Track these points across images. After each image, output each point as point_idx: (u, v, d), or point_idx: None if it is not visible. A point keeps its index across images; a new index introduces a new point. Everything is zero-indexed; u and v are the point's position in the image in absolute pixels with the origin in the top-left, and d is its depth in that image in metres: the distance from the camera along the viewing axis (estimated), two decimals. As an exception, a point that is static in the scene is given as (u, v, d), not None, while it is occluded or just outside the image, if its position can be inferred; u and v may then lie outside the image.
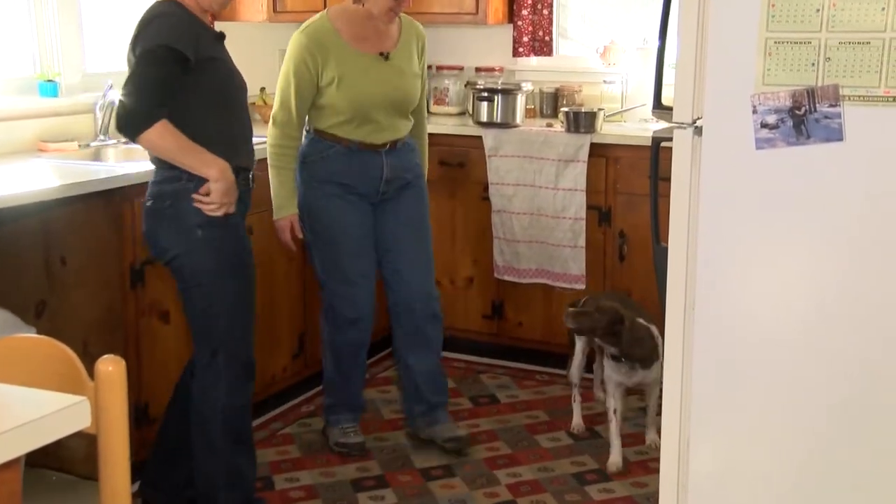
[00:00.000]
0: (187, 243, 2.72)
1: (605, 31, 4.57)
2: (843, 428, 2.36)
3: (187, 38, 2.62)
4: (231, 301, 2.80)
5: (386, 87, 3.27)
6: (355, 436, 3.51)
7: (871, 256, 2.30)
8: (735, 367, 2.46)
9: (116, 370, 1.61)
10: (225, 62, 2.77)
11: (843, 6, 2.22)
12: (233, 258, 2.78)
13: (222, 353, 2.81)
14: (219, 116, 2.73)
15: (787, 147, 2.32)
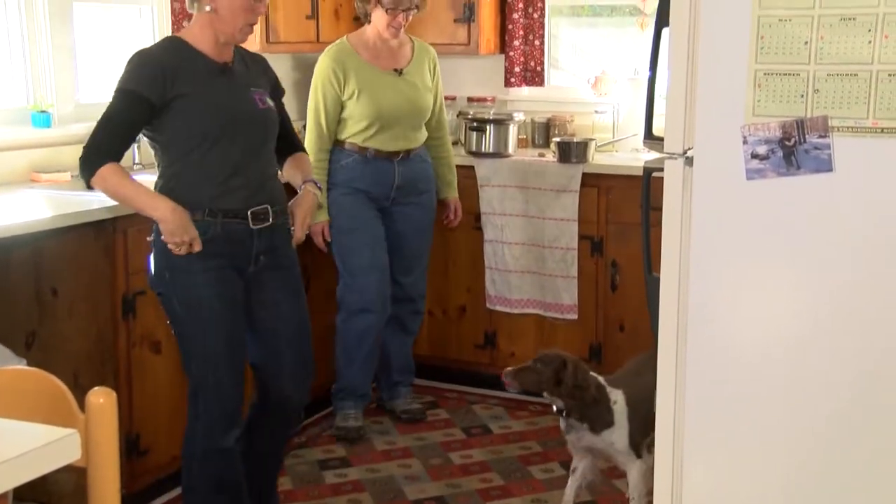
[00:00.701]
0: (161, 283, 2.73)
1: (596, 61, 4.60)
2: (835, 450, 2.36)
3: (153, 80, 2.59)
4: (202, 345, 2.73)
5: (400, 98, 3.69)
6: (354, 420, 3.81)
7: (860, 285, 2.31)
8: (727, 395, 2.46)
9: (107, 402, 1.60)
10: (209, 100, 2.66)
11: (830, 39, 2.24)
12: (201, 307, 2.68)
13: (201, 396, 2.77)
14: (198, 156, 2.66)
15: (778, 177, 2.33)
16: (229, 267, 2.72)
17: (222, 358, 2.75)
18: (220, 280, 2.71)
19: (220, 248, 2.69)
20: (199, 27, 2.70)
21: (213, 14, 2.65)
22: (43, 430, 1.44)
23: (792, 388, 2.40)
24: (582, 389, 2.97)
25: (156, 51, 2.70)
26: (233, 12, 2.64)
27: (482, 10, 4.41)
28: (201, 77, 2.67)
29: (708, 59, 2.38)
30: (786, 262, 2.38)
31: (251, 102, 2.76)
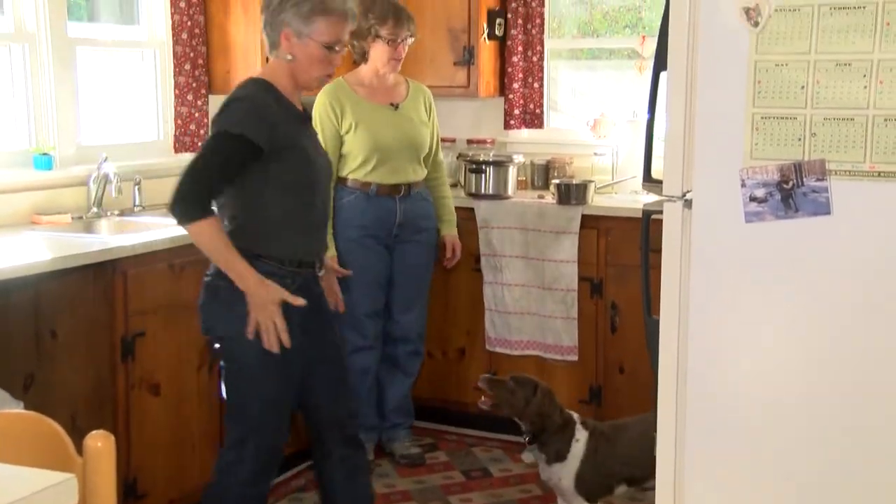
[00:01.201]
0: (235, 328, 2.63)
1: (595, 104, 4.64)
2: (835, 492, 2.34)
3: (263, 125, 2.57)
4: (267, 392, 2.70)
5: (397, 130, 3.75)
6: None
7: (858, 327, 2.31)
8: (728, 438, 2.45)
9: (105, 446, 1.59)
10: (304, 149, 2.68)
11: (826, 83, 2.26)
12: (276, 355, 2.64)
13: (252, 441, 2.71)
14: (291, 206, 2.65)
15: (776, 220, 2.34)
16: (300, 314, 2.69)
17: (284, 405, 2.74)
18: (296, 327, 2.68)
19: (302, 298, 2.66)
20: (280, 73, 2.69)
21: (293, 62, 2.66)
22: (40, 475, 1.43)
23: (793, 431, 2.39)
24: (544, 417, 3.07)
25: (258, 95, 2.64)
26: (310, 62, 2.65)
27: (482, 53, 4.45)
28: (294, 125, 2.68)
29: (706, 102, 2.40)
30: (785, 305, 2.38)
31: (323, 154, 2.83)
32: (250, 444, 2.71)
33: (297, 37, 2.62)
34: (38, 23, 3.53)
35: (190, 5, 3.96)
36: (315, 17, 2.61)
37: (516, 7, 4.53)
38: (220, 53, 4.06)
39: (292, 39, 2.63)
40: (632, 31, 4.62)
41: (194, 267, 3.30)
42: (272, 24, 2.66)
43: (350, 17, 2.68)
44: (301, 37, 2.62)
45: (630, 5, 4.63)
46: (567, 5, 4.73)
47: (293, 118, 2.69)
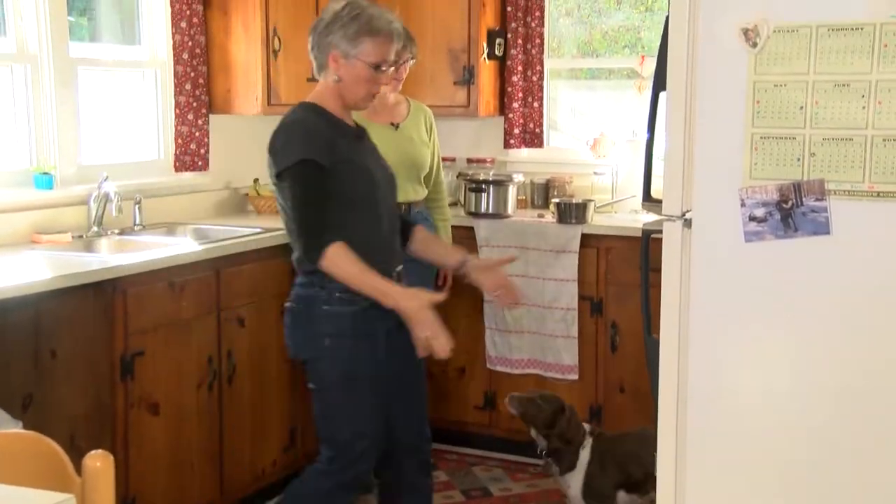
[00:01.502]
0: (316, 350, 2.69)
1: (595, 123, 4.65)
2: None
3: (320, 145, 2.61)
4: (353, 412, 2.71)
5: (398, 150, 3.64)
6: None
7: (858, 346, 2.31)
8: (728, 457, 2.45)
9: (104, 466, 1.59)
10: (362, 164, 2.71)
11: (825, 104, 2.27)
12: (362, 371, 2.69)
13: (339, 460, 2.73)
14: (356, 221, 2.67)
15: (776, 240, 2.35)
16: (382, 330, 2.71)
17: (370, 425, 2.74)
18: (377, 345, 2.71)
19: (380, 312, 2.67)
20: (328, 94, 2.73)
21: (340, 83, 2.70)
22: (39, 495, 1.44)
23: (794, 451, 2.38)
24: (568, 442, 3.20)
25: (307, 118, 2.68)
26: (357, 83, 2.69)
27: (482, 73, 4.47)
28: (349, 142, 2.71)
29: (705, 122, 2.40)
30: (785, 324, 2.38)
31: (384, 167, 2.84)
32: (335, 463, 2.74)
33: (344, 58, 2.66)
34: (41, 43, 3.55)
35: (191, 25, 3.98)
36: (362, 38, 2.65)
37: (516, 27, 4.56)
38: (221, 73, 4.08)
39: (340, 61, 2.67)
40: (631, 51, 4.64)
41: (194, 286, 3.32)
42: (319, 47, 2.69)
43: (396, 37, 2.72)
44: (348, 58, 2.66)
45: (629, 25, 4.65)
46: (567, 25, 4.75)
47: (347, 135, 2.72)
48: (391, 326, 2.71)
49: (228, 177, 4.35)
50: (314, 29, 2.71)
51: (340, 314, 2.66)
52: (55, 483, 1.57)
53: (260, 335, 3.63)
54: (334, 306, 2.66)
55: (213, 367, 3.40)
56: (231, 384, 3.50)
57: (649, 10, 4.59)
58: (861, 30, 2.23)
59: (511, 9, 4.55)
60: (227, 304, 3.46)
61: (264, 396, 3.67)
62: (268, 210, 4.25)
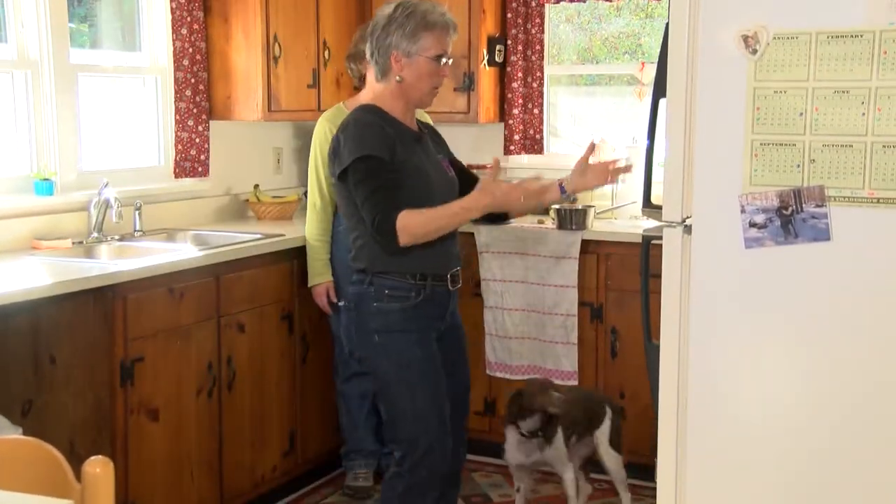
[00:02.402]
0: (367, 347, 2.75)
1: (595, 130, 4.66)
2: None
3: (382, 142, 2.64)
4: (412, 407, 2.73)
5: None
6: (364, 480, 3.87)
7: (858, 352, 2.32)
8: (729, 462, 2.45)
9: (104, 472, 1.59)
10: (418, 165, 2.73)
11: (825, 110, 2.28)
12: (413, 366, 2.72)
13: (408, 460, 2.75)
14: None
15: (776, 246, 2.35)
16: (433, 328, 2.77)
17: (435, 416, 2.75)
18: (427, 341, 2.76)
19: (430, 310, 2.75)
20: (390, 96, 2.76)
21: (402, 83, 2.73)
22: (39, 502, 1.44)
23: (793, 456, 2.39)
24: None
25: (370, 118, 2.71)
26: (420, 79, 2.73)
27: (482, 80, 4.48)
28: (409, 144, 2.74)
29: (705, 129, 2.41)
30: (785, 330, 2.38)
31: (444, 170, 2.85)
32: (405, 463, 2.76)
33: (406, 56, 2.71)
34: (41, 50, 3.55)
35: (191, 32, 3.98)
36: (421, 34, 2.70)
37: (516, 34, 4.56)
38: (221, 79, 4.09)
39: (402, 60, 2.71)
40: (631, 58, 4.65)
41: (194, 292, 3.32)
42: (380, 50, 2.72)
43: (452, 27, 2.76)
44: (410, 56, 2.71)
45: (629, 32, 4.66)
46: (567, 32, 4.76)
47: (404, 136, 2.74)
48: (441, 332, 2.79)
49: (229, 183, 4.35)
50: (371, 35, 2.74)
51: (389, 310, 2.71)
52: (55, 489, 1.57)
53: (260, 341, 3.63)
54: (383, 303, 2.71)
55: (212, 373, 3.40)
56: (231, 390, 3.49)
57: (649, 16, 4.60)
58: (861, 37, 2.24)
59: (511, 15, 4.56)
60: (226, 310, 3.46)
61: (264, 402, 3.66)
62: (268, 216, 4.26)
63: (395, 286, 2.71)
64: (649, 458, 3.13)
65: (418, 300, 2.72)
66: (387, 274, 2.71)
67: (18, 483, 1.57)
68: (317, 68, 4.28)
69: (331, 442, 4.01)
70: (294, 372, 3.82)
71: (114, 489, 1.60)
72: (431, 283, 2.74)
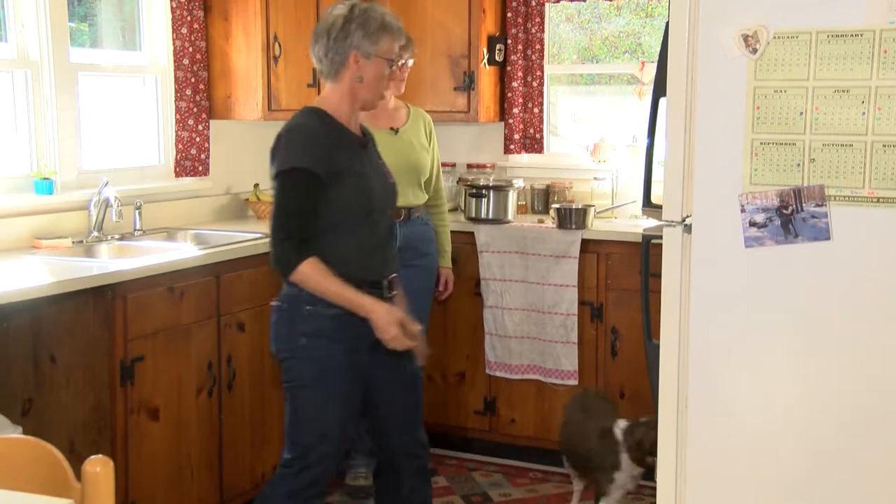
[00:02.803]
0: (292, 348, 2.72)
1: (595, 129, 4.66)
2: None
3: (319, 154, 2.61)
4: (319, 414, 2.72)
5: (397, 155, 3.66)
6: (364, 480, 3.87)
7: (858, 351, 2.33)
8: (729, 461, 2.46)
9: (104, 471, 1.59)
10: (361, 173, 2.70)
11: (825, 110, 2.28)
12: (332, 374, 2.70)
13: (297, 464, 2.74)
14: (352, 230, 2.69)
15: (776, 245, 2.36)
16: (365, 336, 2.72)
17: (334, 429, 2.75)
18: (354, 350, 2.72)
19: (362, 319, 2.69)
20: (338, 97, 2.73)
21: (359, 83, 2.71)
22: (39, 501, 1.45)
23: (792, 455, 2.40)
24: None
25: (311, 124, 2.69)
26: (376, 80, 2.72)
27: (482, 79, 4.48)
28: (351, 151, 2.71)
29: (705, 128, 2.42)
30: (785, 329, 2.39)
31: (385, 176, 2.85)
32: (293, 465, 2.75)
33: (365, 57, 2.69)
34: (41, 49, 3.56)
35: (191, 31, 3.99)
36: (381, 35, 2.70)
37: (516, 33, 4.57)
38: (221, 78, 4.09)
39: (361, 61, 2.69)
40: (631, 57, 4.65)
41: (194, 291, 3.32)
42: (337, 50, 2.69)
43: (402, 33, 2.79)
44: (370, 57, 2.69)
45: (630, 31, 4.67)
46: (567, 31, 4.77)
47: (350, 143, 2.72)
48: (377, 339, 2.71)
49: (229, 182, 4.36)
50: (327, 35, 2.70)
51: (321, 315, 2.67)
52: (55, 488, 1.57)
53: (260, 340, 3.63)
54: (317, 307, 2.67)
55: (212, 373, 3.40)
56: (231, 389, 3.50)
57: (649, 15, 4.61)
58: (861, 36, 2.25)
59: (511, 15, 4.57)
60: (227, 309, 3.46)
61: (264, 401, 3.67)
62: (268, 215, 4.25)
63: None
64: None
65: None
66: None
67: (19, 482, 1.58)
68: (317, 68, 4.29)
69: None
70: (294, 371, 3.83)
71: (114, 488, 1.61)
72: (368, 290, 2.70)
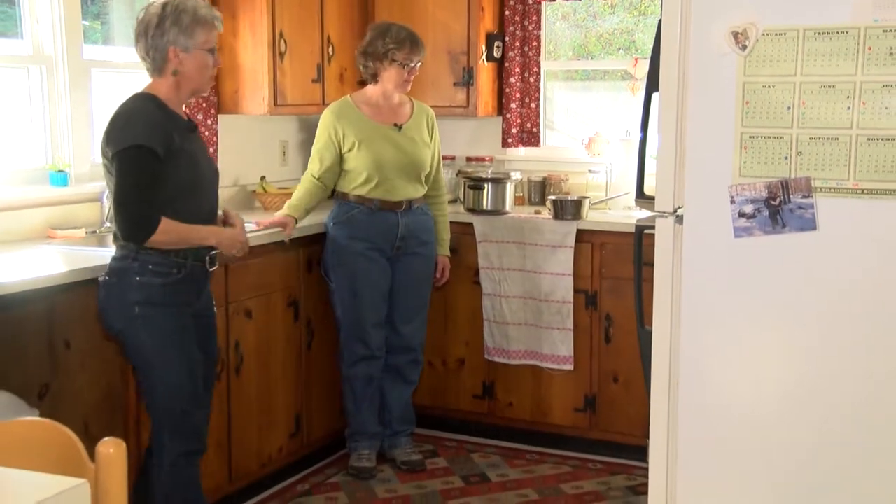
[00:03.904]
0: (127, 319, 2.83)
1: (590, 123, 4.74)
2: (826, 502, 2.43)
3: (158, 133, 2.75)
4: (169, 380, 2.87)
5: (399, 151, 3.83)
6: (367, 461, 3.98)
7: (844, 339, 2.38)
8: (719, 443, 2.51)
9: (117, 452, 1.63)
10: (191, 153, 2.87)
11: (811, 104, 2.34)
12: (171, 337, 2.85)
13: (166, 432, 2.90)
14: (183, 206, 2.83)
15: (764, 235, 2.41)
16: (189, 304, 2.91)
17: (189, 390, 2.90)
18: (184, 316, 2.90)
19: (188, 287, 2.89)
20: (166, 88, 2.87)
21: (179, 76, 2.86)
22: (54, 480, 1.48)
23: (780, 438, 2.45)
24: None
25: (147, 107, 2.83)
26: (199, 71, 2.88)
27: (480, 75, 4.56)
28: (182, 133, 2.85)
29: (696, 122, 2.47)
30: (773, 317, 2.44)
31: (211, 160, 3.07)
32: (164, 437, 2.90)
33: (184, 51, 2.83)
34: (56, 46, 3.63)
35: (199, 27, 4.05)
36: (195, 29, 2.84)
37: (514, 30, 4.65)
38: (229, 74, 4.15)
39: (181, 55, 2.84)
40: (625, 54, 4.73)
41: (204, 279, 3.39)
42: (156, 48, 2.83)
43: (218, 23, 2.92)
44: (188, 50, 2.84)
45: (623, 29, 4.74)
46: (563, 29, 4.85)
47: (180, 127, 2.86)
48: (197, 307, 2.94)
49: (236, 174, 4.43)
50: (144, 34, 2.84)
51: (151, 284, 2.82)
52: (69, 469, 1.60)
53: (267, 327, 3.71)
54: (146, 277, 2.81)
55: (221, 358, 3.48)
56: (239, 374, 3.57)
57: (643, 13, 4.69)
58: (846, 33, 2.29)
59: (509, 13, 4.64)
60: (234, 297, 3.53)
61: (271, 386, 3.75)
62: (274, 206, 4.33)
63: (159, 262, 2.82)
64: (642, 440, 3.22)
65: (179, 277, 2.85)
66: (151, 251, 2.81)
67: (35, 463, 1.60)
68: (321, 64, 4.35)
69: (335, 424, 4.10)
70: (300, 357, 3.91)
71: (126, 469, 1.65)
72: (192, 263, 2.88)
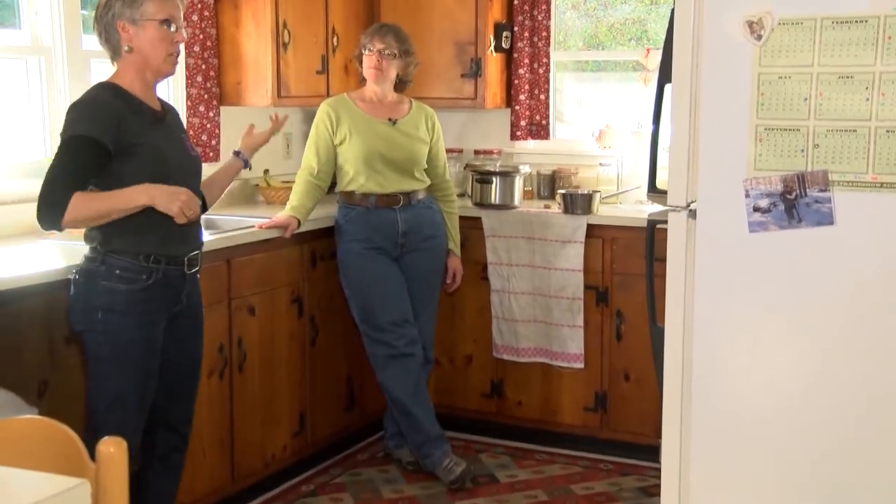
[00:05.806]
0: (88, 322, 2.75)
1: (601, 115, 4.69)
2: (838, 499, 2.38)
3: (107, 126, 2.62)
4: (114, 390, 2.75)
5: (392, 143, 3.81)
6: (457, 465, 3.82)
7: (861, 335, 2.35)
8: (733, 443, 2.49)
9: (117, 451, 1.61)
10: (155, 147, 2.72)
11: (829, 95, 2.31)
12: (128, 350, 2.73)
13: (92, 433, 2.72)
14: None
15: (780, 230, 2.39)
16: (162, 311, 2.79)
17: (133, 401, 2.79)
18: (151, 324, 2.77)
19: (161, 293, 2.76)
20: (126, 73, 2.75)
21: (134, 54, 2.72)
22: (53, 480, 1.45)
23: (795, 437, 2.42)
24: None
25: (100, 95, 2.71)
26: (152, 45, 2.71)
27: (489, 66, 4.51)
28: (146, 124, 2.74)
29: (709, 114, 2.44)
30: (788, 313, 2.42)
31: (186, 150, 2.87)
32: (91, 431, 2.74)
33: (132, 24, 2.69)
34: (54, 37, 3.59)
35: (202, 18, 4.01)
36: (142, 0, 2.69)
37: (523, 20, 4.59)
38: (232, 65, 4.12)
39: (130, 30, 2.69)
40: (637, 44, 4.67)
41: (205, 275, 3.35)
42: (107, 27, 2.71)
43: None
44: (136, 22, 2.69)
45: (635, 18, 4.68)
46: (573, 18, 4.78)
47: (143, 116, 2.73)
48: (175, 312, 2.81)
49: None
50: (98, 19, 2.73)
51: (116, 291, 2.70)
52: (69, 468, 1.58)
53: (270, 323, 3.68)
54: (112, 282, 2.70)
55: (223, 355, 3.45)
56: (242, 371, 3.54)
57: (655, 2, 4.62)
58: (865, 22, 2.27)
59: (517, 2, 4.59)
60: (237, 293, 3.51)
61: (274, 383, 3.71)
62: (277, 200, 4.30)
63: (127, 267, 2.69)
64: (654, 440, 3.18)
65: (148, 283, 2.71)
66: (120, 254, 2.69)
67: (34, 461, 1.59)
68: (326, 55, 4.31)
69: (339, 423, 4.06)
70: (303, 354, 3.87)
71: (127, 468, 1.63)
72: (165, 267, 2.74)
